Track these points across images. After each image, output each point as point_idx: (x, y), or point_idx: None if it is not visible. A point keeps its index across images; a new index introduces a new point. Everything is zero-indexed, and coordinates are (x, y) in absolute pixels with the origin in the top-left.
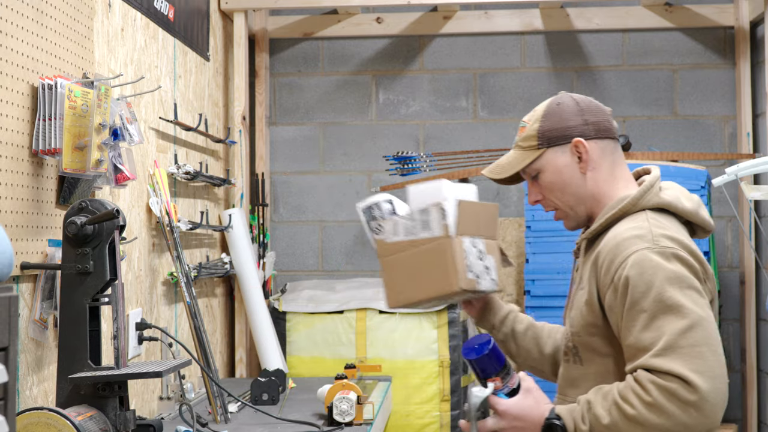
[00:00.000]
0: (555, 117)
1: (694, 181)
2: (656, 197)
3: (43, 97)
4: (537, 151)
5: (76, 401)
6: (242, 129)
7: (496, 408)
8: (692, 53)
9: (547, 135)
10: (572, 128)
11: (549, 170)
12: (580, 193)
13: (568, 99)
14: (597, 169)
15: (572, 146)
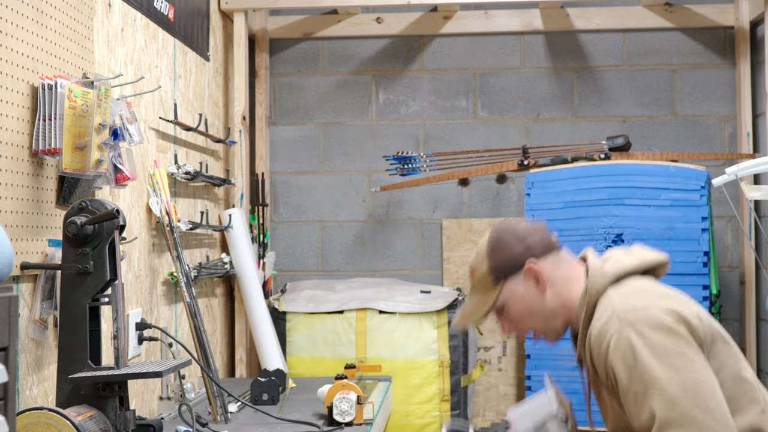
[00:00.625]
0: (500, 251)
1: (694, 181)
2: (604, 277)
3: (43, 97)
4: (496, 288)
5: (76, 401)
6: (242, 129)
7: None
8: (692, 53)
9: (500, 269)
10: (520, 255)
11: (512, 301)
12: (548, 311)
13: (503, 231)
14: (554, 284)
15: (526, 272)
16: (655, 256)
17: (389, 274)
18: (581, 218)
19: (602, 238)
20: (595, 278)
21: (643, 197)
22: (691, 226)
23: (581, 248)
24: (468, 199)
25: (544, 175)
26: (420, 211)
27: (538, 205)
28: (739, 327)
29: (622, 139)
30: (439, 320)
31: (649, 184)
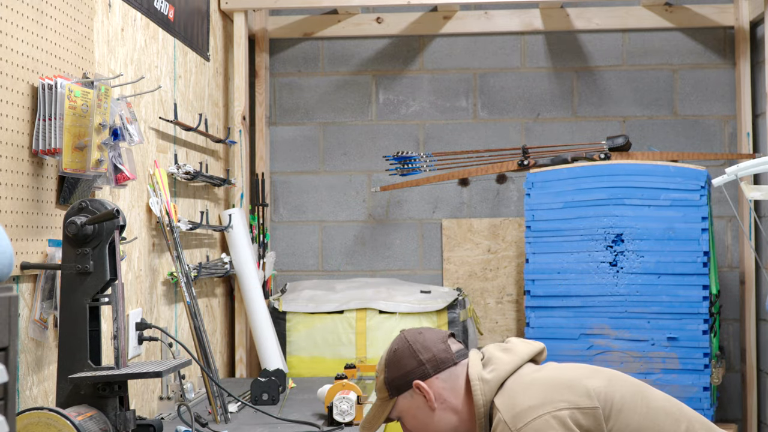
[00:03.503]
0: (394, 366)
1: (694, 181)
2: (488, 386)
3: (43, 97)
4: (390, 401)
5: (76, 401)
6: (242, 129)
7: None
8: (692, 53)
9: (392, 385)
10: (411, 372)
11: (406, 416)
12: (441, 427)
13: (402, 342)
14: (447, 401)
15: (414, 390)
16: (533, 348)
17: (389, 274)
18: (581, 218)
19: (602, 238)
20: (479, 390)
21: (643, 197)
22: (691, 226)
23: (581, 248)
24: (468, 199)
25: (544, 175)
26: (420, 211)
27: (538, 205)
28: (739, 327)
29: (622, 139)
30: (439, 320)
31: (649, 184)
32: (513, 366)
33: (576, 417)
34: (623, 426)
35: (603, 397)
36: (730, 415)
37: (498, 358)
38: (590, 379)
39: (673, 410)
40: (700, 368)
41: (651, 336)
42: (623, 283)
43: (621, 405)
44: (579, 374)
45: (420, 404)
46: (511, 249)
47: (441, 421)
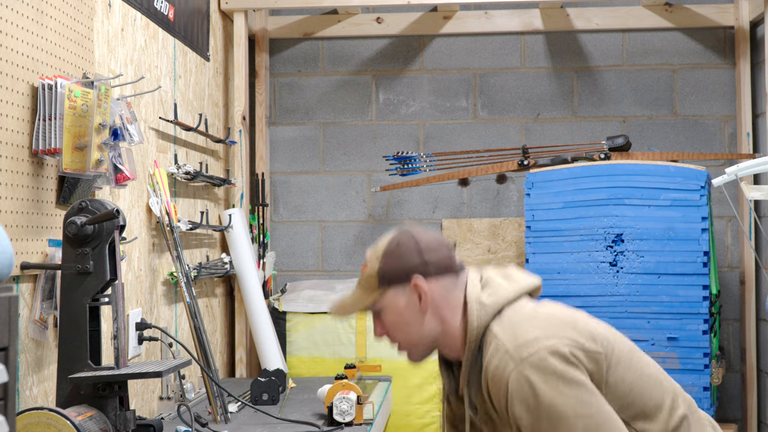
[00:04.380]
0: (394, 257)
1: (694, 181)
2: (484, 310)
3: (43, 97)
4: (377, 291)
5: (76, 401)
6: (242, 129)
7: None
8: (692, 53)
9: (386, 275)
10: (411, 268)
11: (389, 310)
12: (423, 331)
13: (408, 238)
14: (439, 307)
15: (411, 286)
16: (533, 281)
17: None
18: (581, 218)
19: (602, 238)
20: (475, 312)
21: (643, 197)
22: (691, 226)
23: (581, 248)
24: (468, 199)
25: (544, 175)
26: (420, 211)
27: (538, 205)
28: (739, 327)
29: (622, 139)
30: None
31: (649, 184)
32: (513, 295)
33: (580, 357)
34: (619, 380)
35: (605, 344)
36: (730, 415)
37: (498, 284)
38: (594, 324)
39: (662, 379)
40: (700, 368)
41: (651, 336)
42: (623, 283)
43: (619, 358)
44: (583, 317)
45: (411, 303)
46: (511, 249)
47: (426, 326)
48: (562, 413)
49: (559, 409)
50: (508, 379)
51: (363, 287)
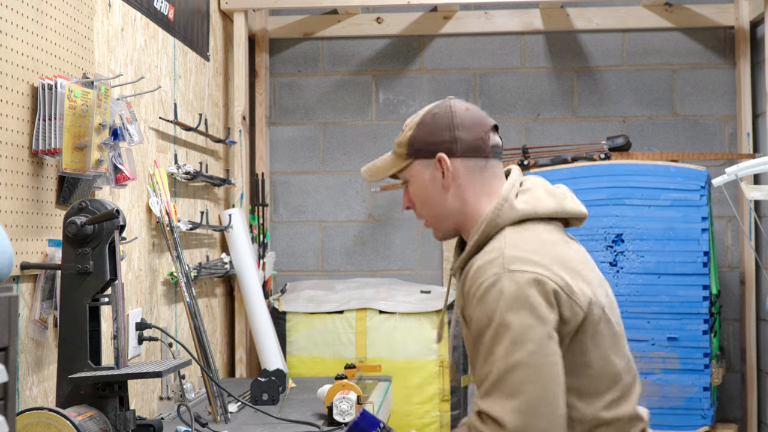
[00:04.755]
0: (426, 128)
1: (694, 181)
2: (512, 212)
3: (43, 97)
4: (405, 160)
5: (76, 401)
6: (242, 129)
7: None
8: (692, 53)
9: (415, 146)
10: (439, 144)
11: (415, 182)
12: (444, 209)
13: (445, 110)
14: (462, 187)
15: (435, 161)
16: (577, 207)
17: (389, 274)
18: None
19: (602, 238)
20: (500, 211)
21: (643, 197)
22: (691, 226)
23: None
24: None
25: (544, 175)
26: None
27: None
28: (739, 327)
29: (622, 139)
30: (439, 320)
31: (649, 184)
32: (547, 213)
33: (562, 299)
34: (581, 347)
35: (595, 310)
36: (730, 415)
37: (538, 197)
38: (601, 291)
39: (629, 359)
40: (700, 368)
41: (651, 336)
42: (623, 283)
43: (595, 331)
44: (597, 280)
45: (436, 178)
46: None
47: (448, 204)
48: (510, 337)
49: (509, 333)
50: (485, 278)
51: (395, 153)
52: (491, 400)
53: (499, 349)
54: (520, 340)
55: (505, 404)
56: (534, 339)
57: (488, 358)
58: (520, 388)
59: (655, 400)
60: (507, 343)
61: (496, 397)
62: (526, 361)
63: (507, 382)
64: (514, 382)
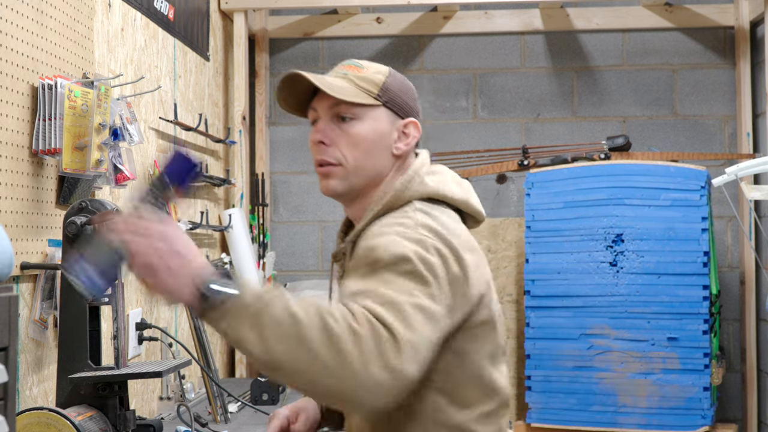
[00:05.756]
0: (401, 86)
1: (694, 181)
2: (422, 186)
3: (43, 97)
4: (372, 100)
5: (76, 401)
6: (242, 129)
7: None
8: (692, 53)
9: (389, 94)
10: (411, 108)
11: (369, 126)
12: (374, 167)
13: (406, 79)
14: (404, 158)
15: (404, 124)
16: (479, 206)
17: None
18: (581, 218)
19: (602, 238)
20: (410, 183)
21: (643, 197)
22: (691, 226)
23: (581, 248)
24: None
25: (544, 175)
26: None
27: (538, 205)
28: (739, 327)
29: (622, 139)
30: None
31: (649, 184)
32: (454, 200)
33: (459, 282)
34: (472, 346)
35: (483, 309)
36: (730, 415)
37: (447, 182)
38: (496, 299)
39: (498, 395)
40: (700, 368)
41: (651, 336)
42: (623, 283)
43: (485, 332)
44: (491, 288)
45: (389, 135)
46: (511, 249)
47: (381, 164)
48: (414, 278)
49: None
50: (383, 234)
51: (356, 85)
52: (383, 309)
53: (404, 284)
54: (424, 286)
55: (397, 321)
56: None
57: (386, 284)
58: (417, 324)
59: (655, 400)
60: (410, 283)
61: (390, 311)
62: (426, 306)
63: (404, 312)
64: (411, 314)
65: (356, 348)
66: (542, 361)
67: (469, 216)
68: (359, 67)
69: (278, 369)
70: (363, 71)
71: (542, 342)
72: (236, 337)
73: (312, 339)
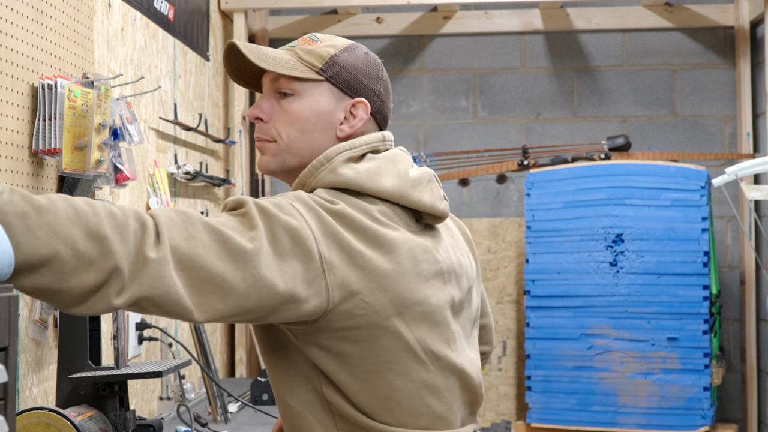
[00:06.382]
0: (354, 60)
1: (694, 181)
2: (332, 174)
3: (43, 97)
4: (312, 74)
5: (76, 401)
6: (242, 129)
7: None
8: (692, 53)
9: (335, 69)
10: (365, 87)
11: (306, 103)
12: (310, 146)
13: (374, 58)
14: (347, 140)
15: (351, 103)
16: (424, 201)
17: None
18: (581, 218)
19: (602, 238)
20: (321, 169)
21: (643, 197)
22: (691, 226)
23: (581, 248)
24: (468, 199)
25: (544, 175)
26: None
27: (538, 205)
28: (739, 327)
29: (622, 139)
30: None
31: (649, 184)
32: (376, 191)
33: (305, 234)
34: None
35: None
36: (730, 415)
37: (376, 172)
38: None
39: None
40: (701, 368)
41: (651, 336)
42: (623, 283)
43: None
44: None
45: (332, 113)
46: (511, 249)
47: (318, 143)
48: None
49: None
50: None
51: (300, 58)
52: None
53: (223, 217)
54: (245, 226)
55: (173, 229)
56: (252, 238)
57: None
58: (198, 240)
59: (655, 400)
60: (230, 218)
61: (177, 222)
62: (230, 237)
63: (192, 226)
64: (199, 231)
65: (113, 220)
66: (542, 361)
67: (425, 213)
68: (313, 40)
69: (30, 267)
70: (314, 44)
71: (542, 342)
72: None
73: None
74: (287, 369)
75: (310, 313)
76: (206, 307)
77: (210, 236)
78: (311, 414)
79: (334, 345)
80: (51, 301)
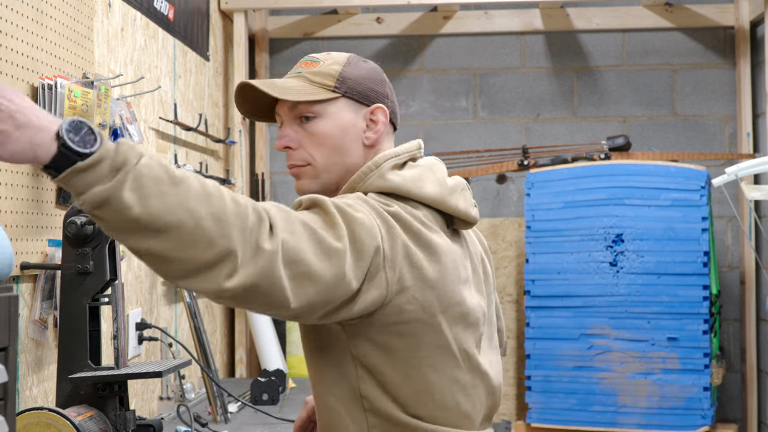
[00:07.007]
0: (359, 71)
1: (694, 181)
2: (381, 180)
3: (43, 97)
4: (329, 94)
5: (76, 401)
6: (242, 129)
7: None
8: (692, 53)
9: (348, 83)
10: (377, 93)
11: (330, 121)
12: (346, 162)
13: (374, 64)
14: (376, 147)
15: (370, 111)
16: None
17: None
18: (581, 218)
19: (602, 238)
20: (370, 174)
21: (643, 197)
22: (691, 226)
23: (581, 248)
24: None
25: (544, 175)
26: None
27: (538, 205)
28: (739, 327)
29: (622, 139)
30: None
31: (649, 184)
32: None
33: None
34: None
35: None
36: (730, 415)
37: (420, 179)
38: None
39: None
40: (701, 368)
41: (651, 336)
42: (623, 283)
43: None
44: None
45: (356, 125)
46: (511, 249)
47: (352, 156)
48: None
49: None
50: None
51: (310, 81)
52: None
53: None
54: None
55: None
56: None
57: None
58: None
59: (655, 400)
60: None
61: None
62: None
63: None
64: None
65: (236, 207)
66: (542, 361)
67: (457, 219)
68: (315, 62)
69: (153, 229)
70: (318, 65)
71: (542, 342)
72: (106, 196)
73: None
74: (329, 368)
75: (368, 306)
76: (302, 298)
77: (306, 233)
78: (345, 410)
79: (383, 339)
80: (159, 268)
